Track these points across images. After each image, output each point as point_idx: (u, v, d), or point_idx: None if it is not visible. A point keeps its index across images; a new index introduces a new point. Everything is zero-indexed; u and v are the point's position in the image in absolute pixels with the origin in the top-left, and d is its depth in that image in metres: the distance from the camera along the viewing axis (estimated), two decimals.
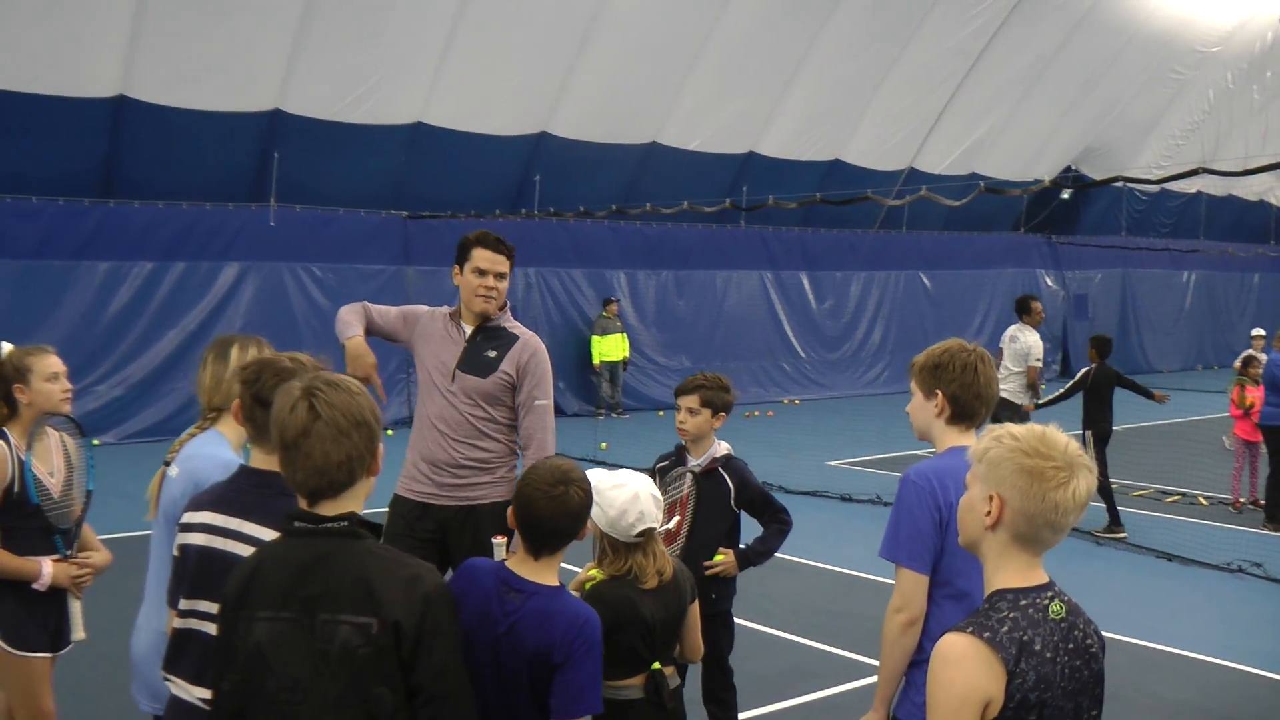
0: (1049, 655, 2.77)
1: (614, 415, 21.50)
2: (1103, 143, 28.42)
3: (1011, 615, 2.77)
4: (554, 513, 3.57)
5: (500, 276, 5.90)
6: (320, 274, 19.06)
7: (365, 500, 3.07)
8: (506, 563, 3.67)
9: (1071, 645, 2.83)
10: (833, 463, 16.41)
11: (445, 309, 6.13)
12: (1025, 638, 2.74)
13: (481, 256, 5.88)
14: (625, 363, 21.74)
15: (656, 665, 4.09)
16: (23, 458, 4.95)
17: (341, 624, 2.86)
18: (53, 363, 5.07)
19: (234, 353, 4.43)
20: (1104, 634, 2.99)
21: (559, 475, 3.62)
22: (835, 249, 25.53)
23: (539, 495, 3.58)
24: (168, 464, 4.29)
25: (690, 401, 5.78)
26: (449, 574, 5.99)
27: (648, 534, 4.08)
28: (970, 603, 3.68)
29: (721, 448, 5.86)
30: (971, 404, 4.02)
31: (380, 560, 2.94)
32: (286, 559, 2.97)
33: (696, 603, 4.34)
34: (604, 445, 17.00)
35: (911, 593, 3.88)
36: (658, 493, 4.16)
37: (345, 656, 2.85)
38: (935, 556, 3.86)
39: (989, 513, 2.83)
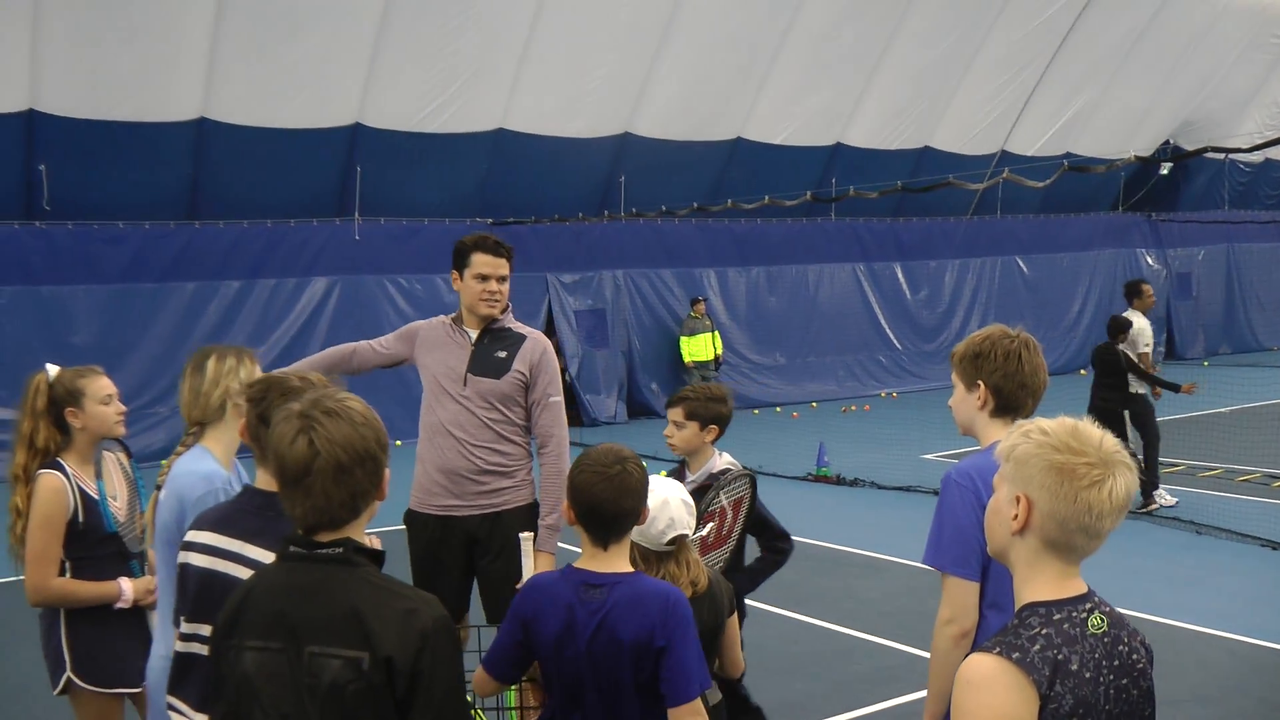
0: (1088, 675, 2.49)
1: None
2: (1201, 115, 27.57)
3: (1044, 632, 2.49)
4: (616, 493, 3.46)
5: (502, 279, 5.75)
6: (407, 285, 19.08)
7: (369, 521, 2.92)
8: (575, 564, 3.56)
9: (1116, 663, 2.55)
10: (928, 456, 16.05)
11: (443, 316, 5.98)
12: (1060, 656, 2.47)
13: (482, 261, 5.72)
14: (718, 361, 21.47)
15: None
16: (92, 492, 4.80)
17: (331, 658, 2.69)
18: (105, 384, 4.90)
19: (210, 365, 4.34)
20: (1206, 630, 2.73)
21: (613, 456, 3.53)
22: (928, 238, 25.05)
23: (597, 479, 3.47)
24: (159, 488, 4.19)
25: (675, 414, 5.38)
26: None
27: (679, 541, 3.89)
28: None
29: (720, 462, 5.42)
30: (1016, 394, 3.76)
31: (375, 591, 2.76)
32: (278, 586, 2.81)
33: (735, 615, 4.15)
34: None
35: (962, 602, 3.63)
36: (689, 498, 3.96)
37: (334, 692, 2.68)
38: (984, 562, 3.62)
39: (1016, 516, 2.56)
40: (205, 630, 3.35)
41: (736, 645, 4.20)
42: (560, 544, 5.61)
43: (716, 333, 21.42)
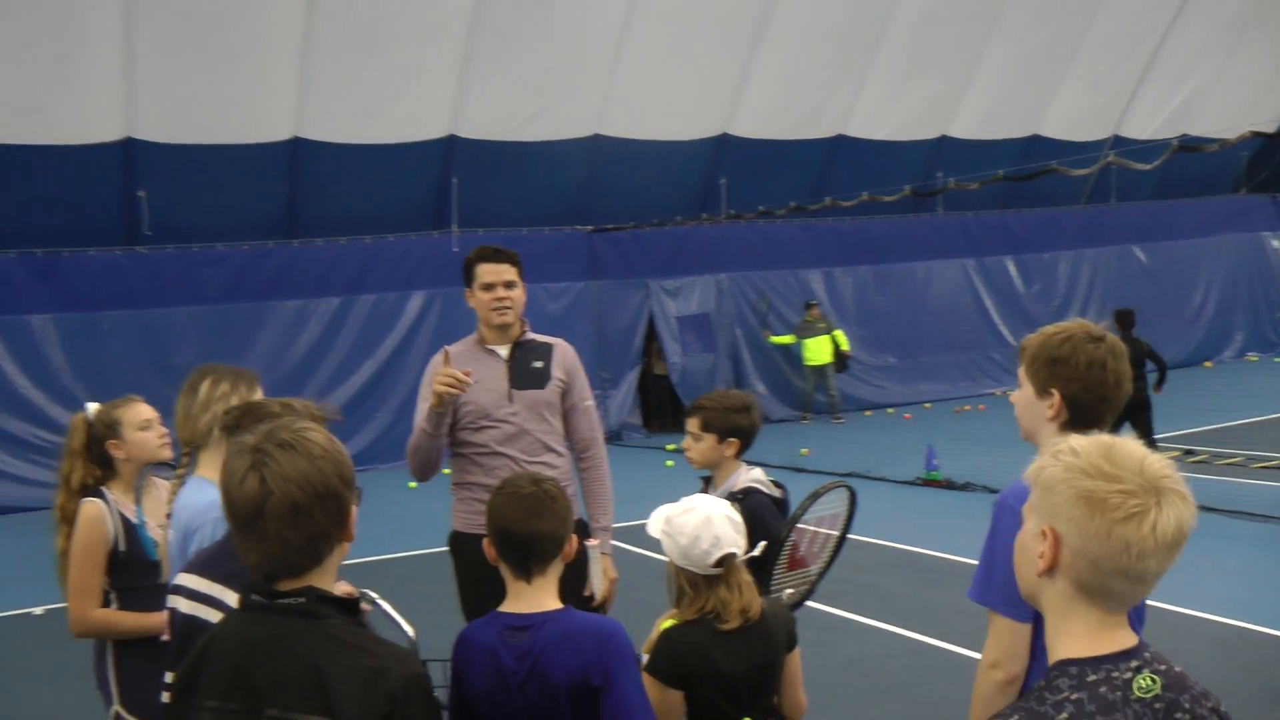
0: None
1: (833, 420, 20.79)
2: None
3: (1074, 697, 2.03)
4: (527, 513, 3.22)
5: (509, 285, 5.54)
6: None
7: (339, 566, 2.60)
8: (500, 607, 3.29)
9: None
10: None
11: (458, 343, 5.71)
12: None
13: (485, 271, 5.54)
14: (844, 361, 20.96)
15: None
16: (132, 517, 4.65)
17: None
18: (142, 410, 4.77)
19: (204, 387, 4.15)
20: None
21: (529, 478, 3.34)
22: (1040, 229, 24.30)
23: (508, 500, 3.26)
24: (169, 516, 4.03)
25: (691, 425, 4.86)
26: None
27: (728, 562, 3.57)
28: None
29: (743, 479, 4.79)
30: (1096, 409, 3.27)
31: (339, 647, 2.42)
32: (236, 639, 2.50)
33: (797, 651, 3.79)
34: (805, 451, 16.44)
35: (1010, 646, 3.17)
36: (735, 515, 3.64)
37: None
38: None
39: (1042, 554, 2.12)
40: None
41: (797, 684, 3.82)
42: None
43: (839, 332, 20.97)
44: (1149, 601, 7.72)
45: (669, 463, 17.16)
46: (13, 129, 15.25)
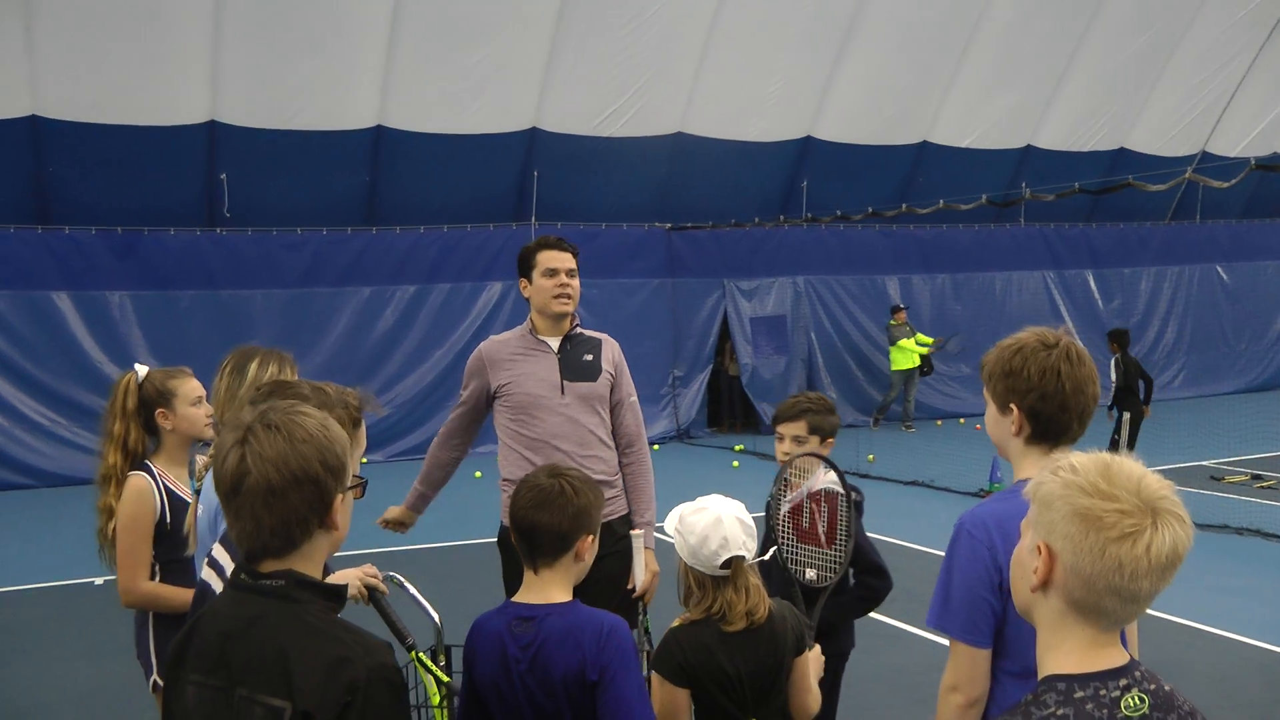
0: None
1: (903, 428, 20.68)
2: None
3: (1060, 713, 2.01)
4: (533, 504, 3.24)
5: (571, 273, 5.53)
6: (584, 289, 18.91)
7: (327, 556, 2.58)
8: (513, 597, 3.33)
9: None
10: None
11: (506, 333, 5.73)
12: None
13: (548, 257, 5.52)
14: (929, 362, 20.83)
15: None
16: (180, 494, 4.65)
17: (255, 704, 2.35)
18: (195, 385, 4.78)
19: (252, 368, 4.18)
20: None
21: (550, 470, 3.36)
22: (1123, 244, 23.93)
23: (525, 491, 3.27)
24: (198, 493, 4.06)
25: (796, 429, 4.80)
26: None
27: (736, 564, 3.55)
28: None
29: (821, 481, 4.68)
30: (1058, 418, 3.13)
31: (307, 632, 2.39)
32: (221, 617, 2.49)
33: (806, 655, 3.75)
34: (871, 458, 16.35)
35: (969, 671, 3.08)
36: (747, 517, 3.61)
37: None
38: (998, 624, 3.05)
39: (1036, 569, 2.11)
40: None
41: (805, 688, 3.76)
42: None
43: (920, 334, 20.89)
44: (1194, 625, 7.59)
45: (735, 463, 17.13)
46: (98, 109, 15.50)
